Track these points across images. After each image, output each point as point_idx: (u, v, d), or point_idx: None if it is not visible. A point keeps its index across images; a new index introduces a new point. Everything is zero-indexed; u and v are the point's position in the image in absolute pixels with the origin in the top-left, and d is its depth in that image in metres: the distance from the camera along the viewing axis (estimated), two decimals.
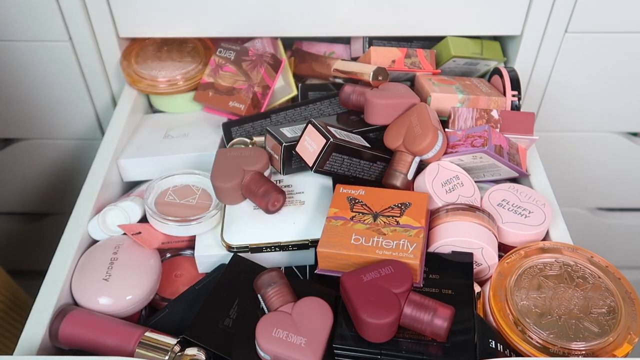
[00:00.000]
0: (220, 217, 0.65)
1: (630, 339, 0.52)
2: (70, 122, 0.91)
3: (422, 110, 0.66)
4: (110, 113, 0.85)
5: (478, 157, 0.65)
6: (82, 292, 0.59)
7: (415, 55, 0.78)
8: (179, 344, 0.53)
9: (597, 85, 0.86)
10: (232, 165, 0.65)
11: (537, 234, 0.62)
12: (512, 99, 0.73)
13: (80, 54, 0.82)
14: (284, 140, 0.66)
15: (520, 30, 0.80)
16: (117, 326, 0.56)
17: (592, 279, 0.57)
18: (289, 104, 0.79)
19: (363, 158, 0.65)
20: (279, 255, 0.63)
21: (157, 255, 0.64)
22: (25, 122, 0.92)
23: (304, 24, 0.79)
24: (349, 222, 0.59)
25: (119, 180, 0.75)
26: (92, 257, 0.62)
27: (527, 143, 0.70)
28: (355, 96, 0.70)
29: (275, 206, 0.63)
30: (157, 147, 0.75)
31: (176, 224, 0.64)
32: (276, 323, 0.51)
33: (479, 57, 0.80)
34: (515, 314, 0.54)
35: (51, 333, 0.56)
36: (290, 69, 0.83)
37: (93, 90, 0.86)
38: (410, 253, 0.55)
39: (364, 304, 0.50)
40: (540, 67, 0.83)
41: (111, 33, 0.80)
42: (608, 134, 0.93)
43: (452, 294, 0.55)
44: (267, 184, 0.63)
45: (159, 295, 0.64)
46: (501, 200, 0.64)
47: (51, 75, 0.85)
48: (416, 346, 0.51)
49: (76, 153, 0.96)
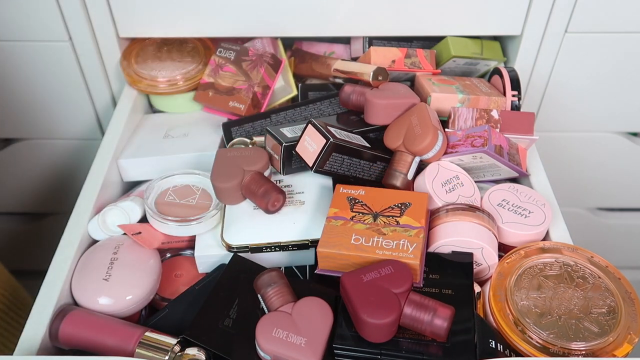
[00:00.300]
0: (220, 217, 0.65)
1: (630, 339, 0.52)
2: (70, 122, 0.91)
3: (422, 110, 0.66)
4: (110, 113, 0.85)
5: (478, 157, 0.65)
6: (82, 292, 0.59)
7: (415, 55, 0.78)
8: (179, 344, 0.53)
9: (597, 85, 0.86)
10: (232, 165, 0.65)
11: (537, 234, 0.62)
12: (512, 99, 0.73)
13: (80, 54, 0.82)
14: (284, 140, 0.66)
15: (520, 30, 0.80)
16: (117, 326, 0.56)
17: (592, 279, 0.57)
18: (289, 104, 0.79)
19: (363, 158, 0.65)
20: (279, 255, 0.63)
21: (157, 255, 0.64)
22: (25, 122, 0.92)
23: (304, 24, 0.79)
24: (349, 222, 0.59)
25: (119, 180, 0.75)
26: (92, 257, 0.62)
27: (527, 143, 0.70)
28: (355, 96, 0.70)
29: (275, 206, 0.63)
30: (157, 147, 0.75)
31: (176, 224, 0.64)
32: (276, 323, 0.51)
33: (479, 57, 0.80)
34: (515, 314, 0.54)
35: (51, 333, 0.56)
36: (290, 69, 0.83)
37: (93, 90, 0.86)
38: (410, 253, 0.55)
39: (364, 304, 0.50)
40: (540, 67, 0.83)
41: (111, 33, 0.80)
42: (608, 134, 0.93)
43: (452, 294, 0.55)
44: (267, 184, 0.63)
45: (159, 295, 0.64)
46: (501, 200, 0.64)
47: (51, 75, 0.85)
48: (416, 346, 0.51)
49: (76, 153, 0.96)
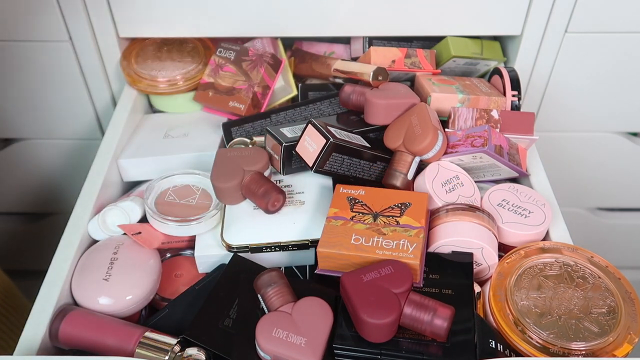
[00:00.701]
0: (220, 217, 0.65)
1: (630, 339, 0.52)
2: (70, 122, 0.91)
3: (422, 110, 0.66)
4: (110, 113, 0.85)
5: (478, 157, 0.65)
6: (82, 292, 0.59)
7: (415, 55, 0.78)
8: (179, 344, 0.53)
9: (597, 85, 0.86)
10: (232, 165, 0.65)
11: (537, 234, 0.62)
12: (512, 99, 0.73)
13: (80, 54, 0.82)
14: (284, 140, 0.66)
15: (520, 30, 0.80)
16: (117, 326, 0.56)
17: (592, 279, 0.57)
18: (289, 104, 0.79)
19: (363, 158, 0.65)
20: (279, 255, 0.63)
21: (157, 255, 0.64)
22: (25, 122, 0.92)
23: (304, 24, 0.79)
24: (349, 222, 0.59)
25: (119, 180, 0.75)
26: (92, 257, 0.62)
27: (527, 143, 0.70)
28: (356, 96, 0.70)
29: (275, 206, 0.63)
30: (157, 147, 0.75)
31: (176, 224, 0.64)
32: (276, 323, 0.51)
33: (479, 57, 0.80)
34: (515, 314, 0.54)
35: (51, 333, 0.56)
36: (290, 69, 0.83)
37: (93, 90, 0.86)
38: (410, 253, 0.55)
39: (364, 304, 0.50)
40: (540, 67, 0.83)
41: (111, 33, 0.80)
42: (608, 134, 0.93)
43: (452, 294, 0.55)
44: (267, 184, 0.63)
45: (159, 295, 0.64)
46: (501, 200, 0.64)
47: (51, 75, 0.85)
48: (416, 346, 0.51)
49: (76, 153, 0.96)
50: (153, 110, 0.86)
